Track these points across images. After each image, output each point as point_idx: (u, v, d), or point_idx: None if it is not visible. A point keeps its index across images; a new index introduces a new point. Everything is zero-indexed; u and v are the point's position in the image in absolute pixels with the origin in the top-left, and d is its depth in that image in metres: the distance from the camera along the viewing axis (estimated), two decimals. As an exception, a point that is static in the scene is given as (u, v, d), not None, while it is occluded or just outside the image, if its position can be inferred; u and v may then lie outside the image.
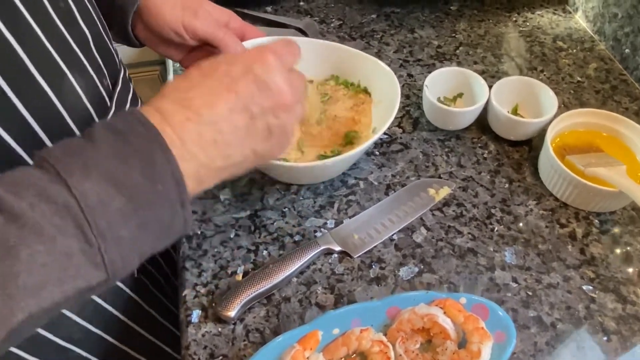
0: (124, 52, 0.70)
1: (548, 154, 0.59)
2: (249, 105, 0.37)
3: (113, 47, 0.56)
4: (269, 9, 0.86)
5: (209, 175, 0.37)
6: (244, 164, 0.39)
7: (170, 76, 0.76)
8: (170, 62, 0.78)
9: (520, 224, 0.58)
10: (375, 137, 0.55)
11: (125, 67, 0.61)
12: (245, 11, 0.83)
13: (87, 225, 0.30)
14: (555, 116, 0.62)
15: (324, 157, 0.60)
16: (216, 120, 0.36)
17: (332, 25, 0.83)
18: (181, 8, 0.56)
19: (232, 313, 0.49)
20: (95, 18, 0.51)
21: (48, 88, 0.42)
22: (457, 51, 0.79)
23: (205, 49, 0.60)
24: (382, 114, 0.62)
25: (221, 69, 0.38)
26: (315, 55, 0.65)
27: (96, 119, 0.49)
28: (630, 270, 0.54)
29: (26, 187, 0.30)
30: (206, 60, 0.40)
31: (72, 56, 0.45)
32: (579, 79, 0.75)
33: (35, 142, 0.42)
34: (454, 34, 0.82)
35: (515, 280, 0.53)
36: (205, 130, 0.35)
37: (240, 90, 0.37)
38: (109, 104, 0.52)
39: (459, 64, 0.77)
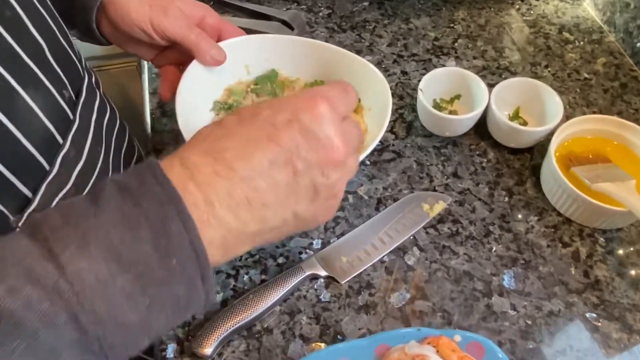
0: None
1: (551, 167, 0.54)
2: (293, 159, 0.31)
3: (76, 53, 0.51)
4: (252, -4, 0.79)
5: (240, 241, 0.31)
6: (283, 229, 0.33)
7: (145, 69, 0.70)
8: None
9: (521, 243, 0.54)
10: (362, 156, 0.50)
11: (92, 72, 0.55)
12: (227, 0, 0.76)
13: (81, 312, 0.25)
14: (560, 123, 0.57)
15: None
16: (252, 176, 0.30)
17: (320, 14, 0.77)
18: (149, 5, 0.50)
19: (208, 351, 0.45)
20: (52, 24, 0.45)
21: None
22: (456, 44, 0.73)
23: (178, 48, 0.55)
24: (372, 122, 0.57)
25: (263, 115, 0.32)
26: (302, 54, 0.60)
27: (57, 137, 0.44)
28: (637, 296, 0.51)
29: (11, 264, 0.25)
30: (248, 106, 0.34)
31: (24, 71, 0.40)
32: (586, 75, 0.69)
33: None
34: (452, 24, 0.76)
35: (514, 307, 0.50)
36: (237, 187, 0.30)
37: (283, 140, 0.31)
38: (71, 117, 0.47)
39: (458, 58, 0.71)
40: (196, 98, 0.56)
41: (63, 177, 0.45)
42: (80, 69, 0.51)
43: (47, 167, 0.43)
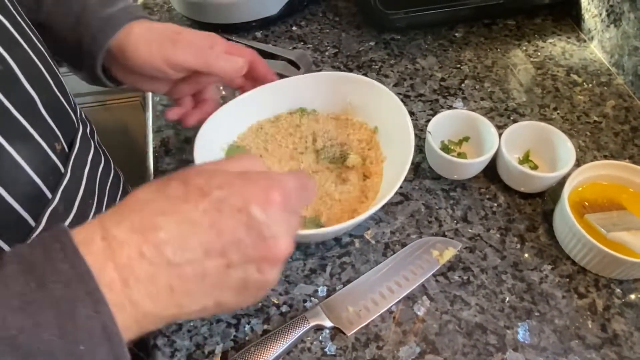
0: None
1: (565, 214, 0.52)
2: (229, 252, 0.29)
3: (71, 103, 0.50)
4: (258, 34, 0.79)
5: (154, 323, 0.29)
6: (201, 313, 0.31)
7: (150, 107, 0.69)
8: (149, 94, 0.71)
9: (535, 294, 0.52)
10: (377, 207, 0.49)
11: (87, 121, 0.55)
12: (234, 39, 0.76)
13: None
14: (572, 169, 0.56)
15: (318, 221, 0.54)
16: (181, 263, 0.28)
17: (326, 53, 0.77)
18: (158, 43, 0.50)
19: (207, 409, 0.43)
20: (48, 76, 0.44)
21: None
22: (463, 85, 0.73)
23: (192, 78, 0.54)
24: (389, 170, 0.57)
25: (213, 195, 0.29)
26: (324, 89, 0.61)
27: (46, 192, 0.42)
28: (659, 353, 0.48)
29: None
30: (201, 175, 0.31)
31: (11, 125, 0.39)
32: (595, 118, 0.69)
33: None
34: (458, 65, 0.76)
35: (529, 364, 0.47)
36: (162, 273, 0.27)
37: (225, 231, 0.29)
38: (62, 170, 0.45)
39: (465, 99, 0.71)
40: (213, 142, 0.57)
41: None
42: (75, 120, 0.50)
43: (32, 223, 0.41)
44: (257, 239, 0.29)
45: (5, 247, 0.39)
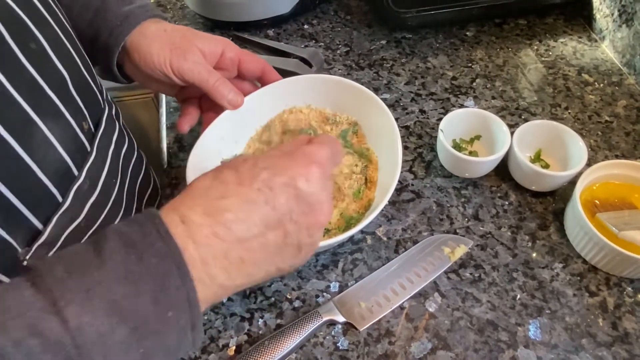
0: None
1: (576, 213, 0.53)
2: (285, 223, 0.33)
3: (97, 85, 0.51)
4: (270, 32, 0.80)
5: (227, 293, 0.33)
6: (264, 279, 0.35)
7: (163, 103, 0.70)
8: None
9: (546, 292, 0.52)
10: (370, 218, 0.48)
11: (112, 103, 0.55)
12: (246, 36, 0.77)
13: None
14: (584, 168, 0.56)
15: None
16: (247, 237, 0.32)
17: (338, 52, 0.77)
18: (169, 49, 0.51)
19: (221, 400, 0.44)
20: (76, 56, 0.45)
21: (14, 142, 0.37)
22: (474, 84, 0.73)
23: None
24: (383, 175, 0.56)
25: (261, 176, 0.33)
26: (322, 90, 0.60)
27: (73, 169, 0.44)
28: (670, 351, 0.49)
29: (14, 316, 0.26)
30: (247, 161, 0.35)
31: (45, 102, 0.40)
32: (607, 118, 0.69)
33: (3, 207, 0.37)
34: (470, 64, 0.76)
35: (540, 360, 0.48)
36: (233, 249, 0.31)
37: (279, 204, 0.33)
38: (89, 149, 0.46)
39: (476, 98, 0.71)
40: (216, 146, 0.57)
41: (75, 210, 0.45)
42: (101, 101, 0.51)
43: (60, 199, 0.43)
44: (306, 207, 0.34)
45: (36, 222, 0.40)
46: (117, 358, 0.27)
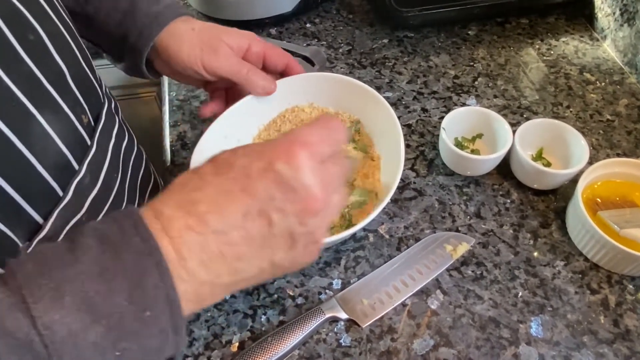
0: (118, 73, 0.65)
1: (578, 210, 0.53)
2: (268, 211, 0.30)
3: (97, 79, 0.51)
4: (273, 31, 0.80)
5: (213, 292, 0.31)
6: (260, 277, 0.33)
7: (167, 101, 0.70)
8: (165, 88, 0.72)
9: (547, 289, 0.52)
10: (372, 216, 0.48)
11: (112, 97, 0.56)
12: (248, 35, 0.77)
13: None
14: (585, 166, 0.56)
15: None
16: (225, 229, 0.29)
17: (340, 51, 0.78)
18: (200, 48, 0.52)
19: (225, 396, 0.44)
20: (76, 49, 0.45)
21: (12, 134, 0.36)
22: (476, 82, 0.73)
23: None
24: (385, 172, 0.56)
25: (238, 164, 0.31)
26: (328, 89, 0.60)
27: (73, 163, 0.44)
28: (671, 348, 0.49)
29: None
30: (225, 152, 0.33)
31: (43, 95, 0.40)
32: (608, 117, 0.69)
33: (3, 201, 0.37)
34: (472, 63, 0.76)
35: (542, 357, 0.48)
36: (210, 241, 0.29)
37: (257, 192, 0.30)
38: (89, 142, 0.46)
39: (478, 97, 0.71)
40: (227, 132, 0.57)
41: (76, 204, 0.45)
42: (101, 95, 0.51)
43: (60, 193, 0.43)
44: (289, 192, 0.31)
45: (36, 216, 0.40)
46: (90, 358, 0.26)
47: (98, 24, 0.52)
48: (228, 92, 0.60)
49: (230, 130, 0.57)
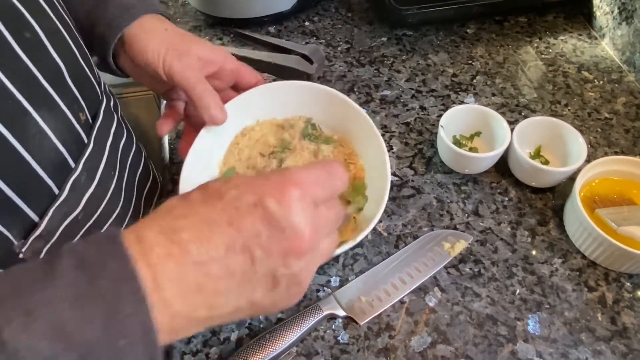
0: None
1: (576, 208, 0.53)
2: (251, 247, 0.29)
3: (95, 76, 0.51)
4: (271, 29, 0.80)
5: (187, 326, 0.29)
6: (237, 315, 0.31)
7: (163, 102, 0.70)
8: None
9: (545, 287, 0.53)
10: (361, 236, 0.47)
11: (111, 95, 0.55)
12: (247, 33, 0.77)
13: None
14: (583, 164, 0.56)
15: None
16: (205, 261, 0.28)
17: (338, 49, 0.78)
18: (166, 48, 0.49)
19: (223, 393, 0.44)
20: (73, 47, 0.45)
21: (7, 132, 0.37)
22: (474, 81, 0.73)
23: None
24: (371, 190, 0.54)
25: (228, 195, 0.30)
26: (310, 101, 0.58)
27: (69, 161, 0.44)
28: (668, 345, 0.49)
29: None
30: (217, 180, 0.32)
31: (39, 92, 0.40)
32: (606, 115, 0.69)
33: (1, 200, 0.37)
34: (470, 61, 0.76)
35: (540, 355, 0.48)
36: (189, 272, 0.28)
37: (244, 226, 0.29)
38: (86, 140, 0.46)
39: (476, 95, 0.71)
40: (205, 158, 0.55)
41: (72, 202, 0.45)
42: (99, 92, 0.51)
43: (56, 191, 0.43)
44: (275, 231, 0.30)
45: (31, 214, 0.40)
46: None
47: (69, 11, 0.50)
48: (187, 106, 0.57)
49: (201, 168, 0.54)
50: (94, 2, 0.51)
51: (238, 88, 0.57)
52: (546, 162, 0.61)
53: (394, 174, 0.62)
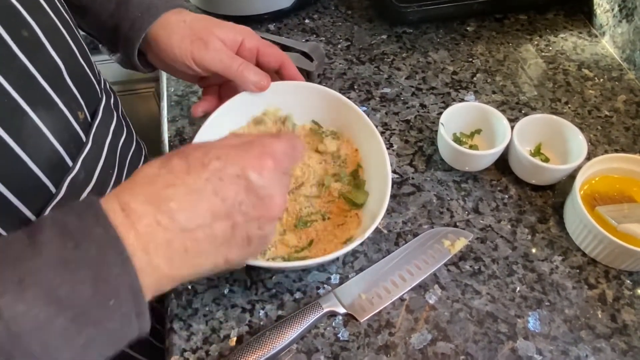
0: (116, 68, 0.65)
1: (576, 206, 0.53)
2: (234, 214, 0.33)
3: (95, 74, 0.50)
4: (271, 27, 0.80)
5: (172, 283, 0.32)
6: (213, 270, 0.34)
7: (165, 97, 0.70)
8: (164, 84, 0.72)
9: (545, 284, 0.53)
10: (353, 245, 0.47)
11: (111, 92, 0.55)
12: (247, 30, 0.77)
13: (17, 355, 0.25)
14: (583, 162, 0.56)
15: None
16: (192, 228, 0.31)
17: (339, 46, 0.77)
18: (190, 41, 0.50)
19: (223, 390, 0.44)
20: (72, 44, 0.45)
21: (3, 131, 0.36)
22: (474, 78, 0.73)
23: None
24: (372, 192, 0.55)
25: (212, 166, 0.32)
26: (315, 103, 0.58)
27: (67, 160, 0.43)
28: (668, 343, 0.49)
29: None
30: (197, 149, 0.34)
31: (36, 91, 0.40)
32: (606, 113, 0.69)
33: None
34: (470, 59, 0.76)
35: (540, 352, 0.48)
36: (176, 238, 0.30)
37: (228, 196, 0.32)
38: (84, 139, 0.46)
39: (477, 93, 0.71)
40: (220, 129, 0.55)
41: (70, 201, 0.44)
42: (99, 90, 0.51)
43: (53, 190, 0.42)
44: (256, 199, 0.33)
45: (28, 213, 0.40)
46: (57, 348, 0.26)
47: (92, 14, 0.52)
48: (222, 87, 0.59)
49: (222, 129, 0.55)
50: (115, 4, 0.51)
51: (260, 67, 0.55)
52: (546, 160, 0.61)
53: (394, 171, 0.62)
